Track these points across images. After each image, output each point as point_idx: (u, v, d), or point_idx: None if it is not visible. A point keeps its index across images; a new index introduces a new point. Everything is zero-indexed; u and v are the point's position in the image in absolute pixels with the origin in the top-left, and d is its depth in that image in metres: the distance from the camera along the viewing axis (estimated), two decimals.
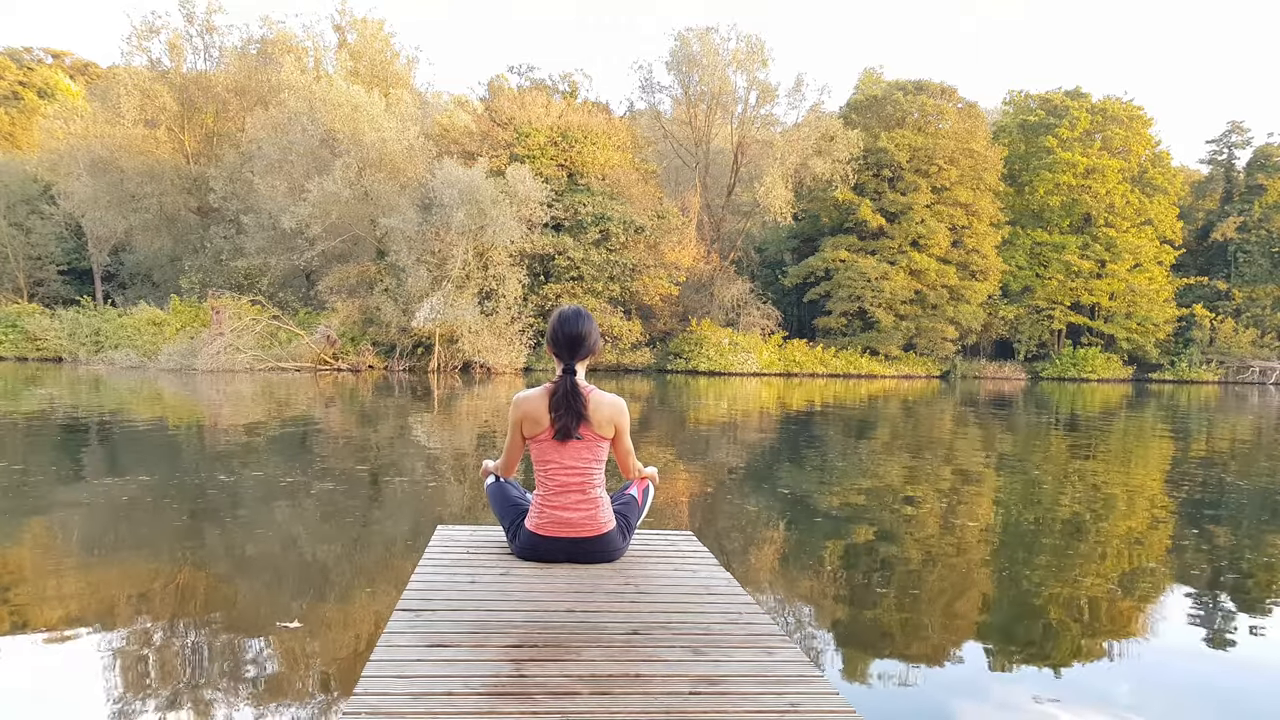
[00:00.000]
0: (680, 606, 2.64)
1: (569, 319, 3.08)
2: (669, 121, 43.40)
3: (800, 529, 6.35)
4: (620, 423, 3.11)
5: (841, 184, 38.83)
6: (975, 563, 5.44)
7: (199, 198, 37.39)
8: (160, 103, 37.49)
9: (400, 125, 32.48)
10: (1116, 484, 9.09)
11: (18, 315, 33.89)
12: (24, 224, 39.18)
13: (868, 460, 10.60)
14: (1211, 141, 50.13)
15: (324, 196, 30.08)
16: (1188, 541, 6.16)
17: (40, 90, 50.84)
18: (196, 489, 7.05)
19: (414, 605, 2.54)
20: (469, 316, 29.85)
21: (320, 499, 6.77)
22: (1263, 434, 16.13)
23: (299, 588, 4.47)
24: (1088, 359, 43.20)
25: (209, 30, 38.83)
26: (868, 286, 39.00)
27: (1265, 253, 45.39)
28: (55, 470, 8.05)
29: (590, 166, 35.33)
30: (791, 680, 2.07)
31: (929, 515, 6.87)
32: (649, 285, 35.38)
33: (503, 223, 29.87)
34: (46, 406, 14.49)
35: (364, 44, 38.90)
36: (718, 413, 17.47)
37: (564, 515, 3.05)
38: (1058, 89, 44.98)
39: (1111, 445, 13.44)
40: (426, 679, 1.98)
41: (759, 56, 39.73)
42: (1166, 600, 4.73)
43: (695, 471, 8.97)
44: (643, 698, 1.92)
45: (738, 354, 36.29)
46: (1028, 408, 22.39)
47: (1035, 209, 44.60)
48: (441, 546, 3.28)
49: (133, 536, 5.52)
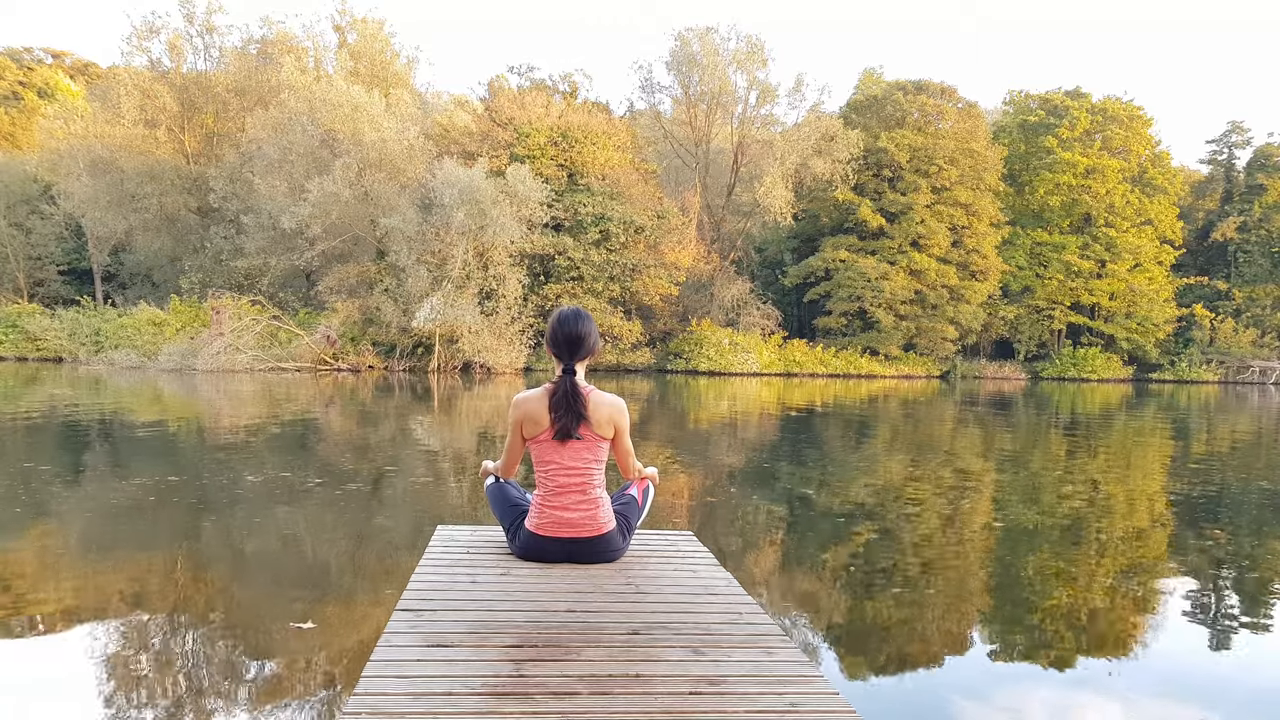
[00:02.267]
0: (680, 606, 2.64)
1: (568, 319, 3.09)
2: (669, 121, 43.37)
3: (800, 529, 6.35)
4: (620, 423, 3.12)
5: (841, 184, 38.81)
6: (975, 563, 5.44)
7: (199, 198, 37.37)
8: (160, 103, 37.50)
9: (400, 125, 32.47)
10: (1116, 484, 9.09)
11: (18, 315, 33.86)
12: (24, 224, 39.14)
13: (868, 460, 10.60)
14: (1211, 141, 50.17)
15: (324, 196, 30.08)
16: (1188, 541, 6.17)
17: (40, 90, 50.80)
18: (196, 489, 7.05)
19: (414, 605, 2.54)
20: (469, 317, 29.83)
21: (320, 499, 6.77)
22: (1263, 434, 16.13)
23: (299, 588, 4.47)
24: (1088, 359, 43.18)
25: (209, 30, 38.81)
26: (868, 286, 38.97)
27: (1265, 253, 45.38)
28: (55, 470, 8.05)
29: (590, 166, 35.31)
30: (791, 680, 2.07)
31: (929, 515, 6.87)
32: (649, 285, 35.36)
33: (503, 223, 29.86)
34: (47, 407, 14.49)
35: (364, 44, 38.91)
36: (718, 413, 17.46)
37: (564, 515, 3.05)
38: (1058, 89, 44.97)
39: (1112, 445, 13.44)
40: (426, 679, 1.98)
41: (759, 56, 39.71)
42: (1167, 600, 4.73)
43: (695, 471, 8.97)
44: (643, 698, 1.93)
45: (738, 354, 36.28)
46: (1028, 408, 22.39)
47: (1035, 209, 44.59)
48: (441, 546, 3.29)
49: (132, 536, 5.52)
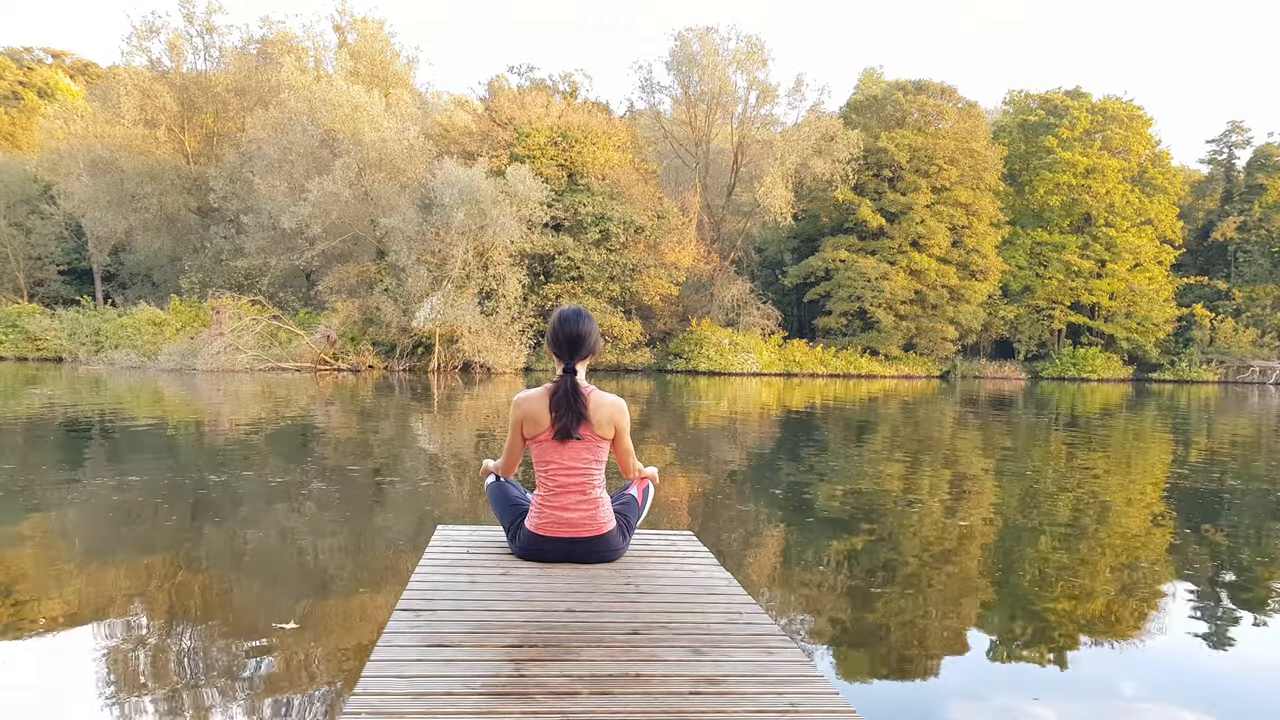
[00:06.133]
0: (680, 606, 2.64)
1: (569, 319, 3.08)
2: (669, 121, 43.38)
3: (800, 529, 6.35)
4: (620, 423, 3.12)
5: (841, 184, 38.82)
6: (975, 562, 5.44)
7: (199, 198, 37.38)
8: (160, 103, 37.51)
9: (400, 125, 32.48)
10: (1116, 484, 9.09)
11: (18, 315, 33.86)
12: (24, 224, 39.15)
13: (867, 460, 10.60)
14: (1211, 141, 50.18)
15: (324, 196, 30.08)
16: (1188, 541, 6.16)
17: (40, 90, 50.81)
18: (196, 489, 7.05)
19: (414, 605, 2.54)
20: (469, 316, 29.84)
21: (320, 499, 6.77)
22: (1263, 434, 16.13)
23: (299, 588, 4.47)
24: (1088, 359, 43.19)
25: (209, 30, 38.83)
26: (868, 286, 38.97)
27: (1265, 252, 45.38)
28: (55, 470, 8.05)
29: (590, 166, 35.31)
30: (791, 680, 2.07)
31: (929, 515, 6.87)
32: (649, 285, 35.36)
33: (503, 223, 29.87)
34: (47, 406, 14.49)
35: (364, 44, 38.92)
36: (718, 413, 17.46)
37: (564, 515, 3.05)
38: (1058, 89, 44.98)
39: (1112, 445, 13.43)
40: (426, 679, 1.98)
41: (759, 56, 39.72)
42: (1167, 599, 4.73)
43: (695, 471, 8.96)
44: (643, 698, 1.92)
45: (738, 354, 36.28)
46: (1028, 407, 22.38)
47: (1035, 209, 44.59)
48: (441, 546, 3.29)
49: (132, 536, 5.52)
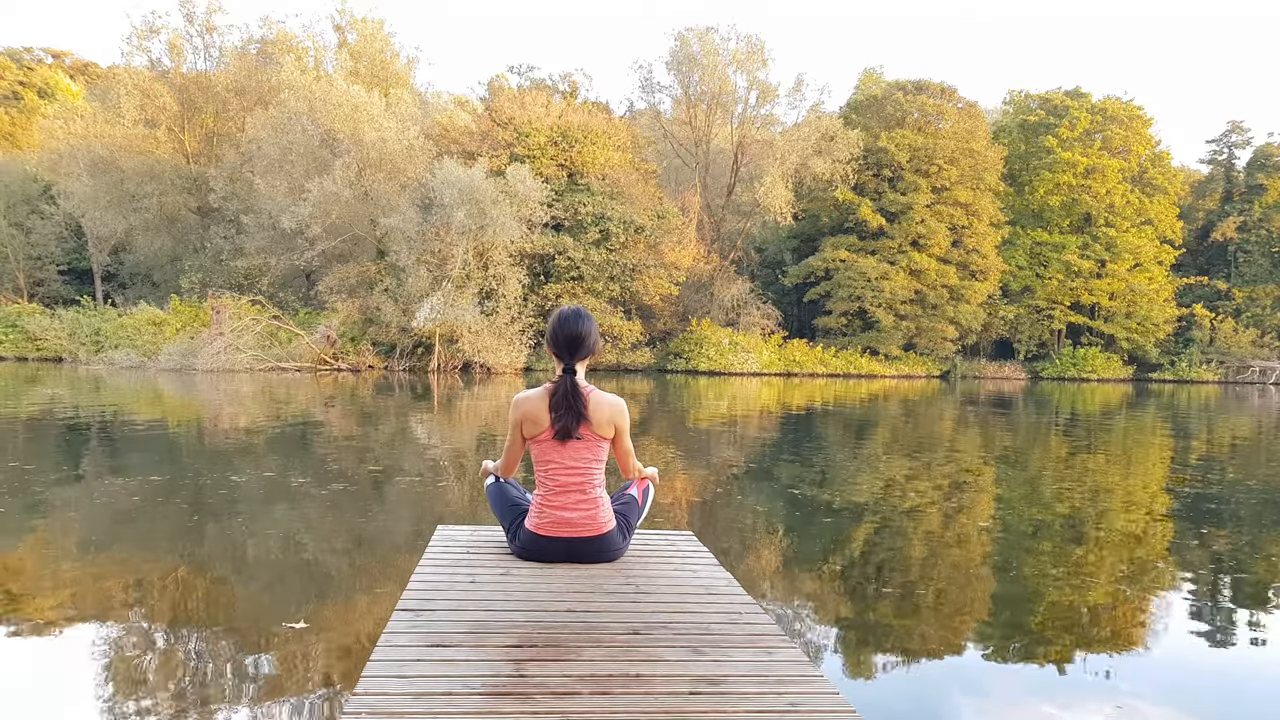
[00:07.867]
0: (680, 606, 2.64)
1: (569, 319, 3.08)
2: (669, 121, 43.39)
3: (800, 528, 6.34)
4: (620, 423, 3.11)
5: (841, 184, 38.83)
6: (975, 562, 5.44)
7: (199, 198, 37.39)
8: (160, 103, 37.51)
9: (400, 125, 32.47)
10: (1116, 483, 9.09)
11: (18, 315, 33.85)
12: (24, 224, 39.15)
13: (867, 460, 10.60)
14: (1211, 141, 50.20)
15: (324, 196, 30.08)
16: (1188, 541, 6.16)
17: (40, 90, 50.81)
18: (196, 489, 7.05)
19: (414, 605, 2.54)
20: (469, 316, 29.84)
21: (320, 499, 6.76)
22: (1263, 434, 16.12)
23: (299, 588, 4.47)
24: (1088, 359, 43.20)
25: (209, 30, 38.86)
26: (868, 286, 38.99)
27: (1265, 253, 45.40)
28: (56, 470, 8.05)
29: (590, 166, 35.32)
30: (791, 680, 2.07)
31: (929, 514, 6.87)
32: (649, 285, 35.37)
33: (503, 222, 29.86)
34: (47, 406, 14.49)
35: (364, 44, 38.91)
36: (718, 412, 17.46)
37: (564, 515, 3.05)
38: (1058, 89, 45.00)
39: (1112, 445, 13.44)
40: (426, 679, 1.98)
41: (759, 56, 39.75)
42: (1167, 599, 4.73)
43: (695, 471, 8.96)
44: (643, 698, 1.92)
45: (738, 354, 36.29)
46: (1028, 407, 22.39)
47: (1035, 209, 44.61)
48: (441, 546, 3.28)
49: (132, 536, 5.51)
